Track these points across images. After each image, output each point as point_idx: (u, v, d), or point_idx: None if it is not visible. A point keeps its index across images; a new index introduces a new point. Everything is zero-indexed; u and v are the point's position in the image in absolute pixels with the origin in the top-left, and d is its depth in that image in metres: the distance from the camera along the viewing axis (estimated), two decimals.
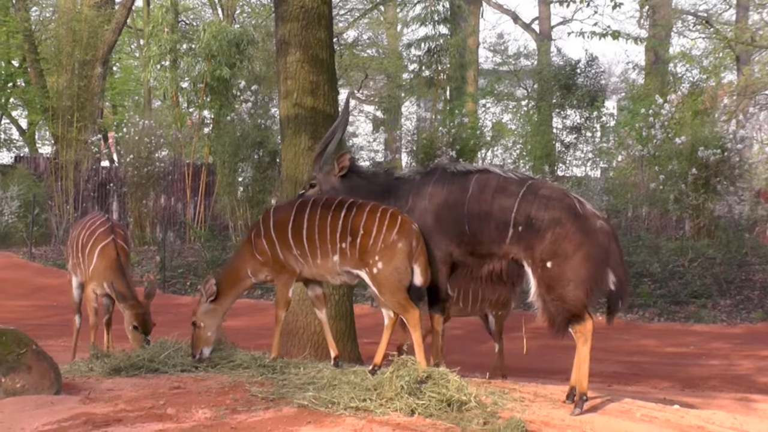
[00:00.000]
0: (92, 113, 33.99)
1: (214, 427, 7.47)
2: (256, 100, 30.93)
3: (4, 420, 7.80)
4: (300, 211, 9.51)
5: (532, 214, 9.30)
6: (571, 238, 9.21)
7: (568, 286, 9.15)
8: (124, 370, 9.40)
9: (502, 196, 9.44)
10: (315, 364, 9.52)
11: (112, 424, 7.57)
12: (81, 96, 33.35)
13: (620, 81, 46.90)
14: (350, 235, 9.26)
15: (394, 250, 9.11)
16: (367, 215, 9.25)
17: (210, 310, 9.63)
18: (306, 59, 13.19)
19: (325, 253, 9.39)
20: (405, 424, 7.62)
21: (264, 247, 9.57)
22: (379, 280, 9.13)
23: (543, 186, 9.62)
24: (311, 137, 13.05)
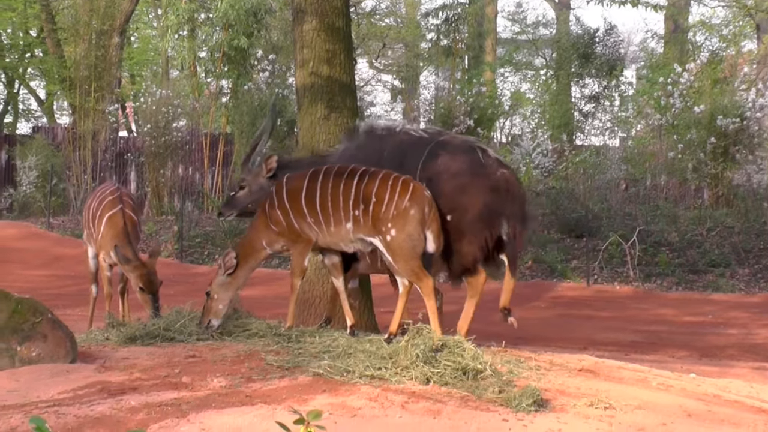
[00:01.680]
0: (110, 83, 33.98)
1: (229, 395, 7.47)
2: (274, 69, 30.89)
3: (20, 388, 7.82)
4: (313, 179, 9.49)
5: (436, 168, 9.62)
6: (469, 191, 9.52)
7: (464, 239, 9.46)
8: (139, 339, 9.42)
9: (413, 154, 9.78)
10: (330, 332, 9.51)
11: (127, 393, 7.58)
12: (98, 66, 33.34)
13: (639, 50, 46.68)
14: (363, 202, 9.26)
15: (407, 216, 9.11)
16: (380, 183, 9.24)
17: (225, 283, 9.66)
18: (322, 27, 13.12)
19: (339, 221, 9.38)
20: (420, 392, 7.61)
21: (278, 217, 9.57)
22: (392, 247, 9.13)
23: (449, 141, 9.94)
24: (327, 106, 12.99)
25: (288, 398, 7.37)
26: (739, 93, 29.57)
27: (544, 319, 18.31)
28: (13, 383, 7.94)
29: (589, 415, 7.27)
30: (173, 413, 7.03)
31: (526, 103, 39.25)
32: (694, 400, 8.13)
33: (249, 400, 7.33)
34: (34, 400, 7.50)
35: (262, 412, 7.01)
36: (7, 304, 8.42)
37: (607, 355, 12.06)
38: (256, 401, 7.29)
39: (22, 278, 20.15)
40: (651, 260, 24.25)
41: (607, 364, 9.48)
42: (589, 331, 17.31)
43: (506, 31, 51.79)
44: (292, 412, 4.12)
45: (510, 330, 11.61)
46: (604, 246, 24.24)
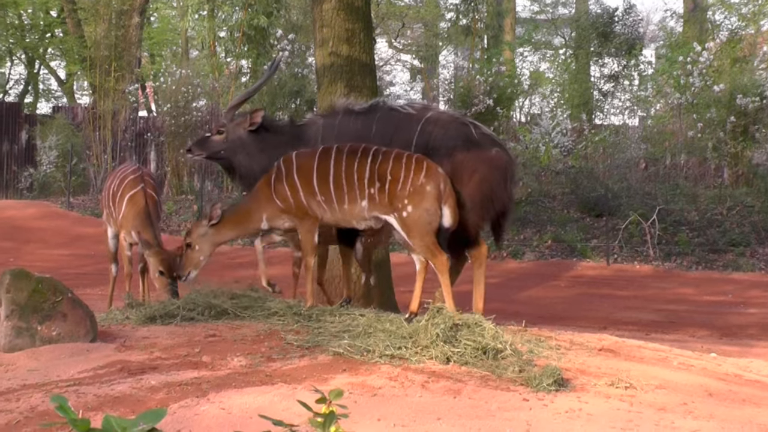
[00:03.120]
0: (130, 63, 34.04)
1: (249, 374, 7.48)
2: (293, 48, 30.84)
3: (40, 367, 7.84)
4: (324, 157, 9.49)
5: (430, 144, 9.73)
6: (466, 165, 9.62)
7: (464, 211, 9.49)
8: (159, 319, 9.42)
9: (403, 130, 9.86)
10: (350, 311, 9.50)
11: (147, 372, 7.60)
12: (118, 46, 33.40)
13: (658, 29, 46.49)
14: (378, 180, 9.26)
15: (424, 193, 9.14)
16: (394, 161, 9.27)
17: (208, 235, 9.69)
18: (341, 7, 13.10)
19: (353, 199, 9.38)
20: (440, 371, 7.61)
21: (286, 193, 9.54)
22: (408, 224, 9.14)
23: (438, 116, 10.03)
24: (347, 85, 12.98)
25: (308, 378, 7.37)
26: (758, 72, 29.44)
27: (564, 298, 18.31)
28: (34, 362, 7.97)
29: (610, 395, 7.26)
30: (193, 392, 7.04)
31: (546, 82, 39.20)
32: (715, 380, 8.11)
33: (269, 380, 7.33)
34: (54, 380, 7.52)
35: (282, 392, 7.02)
36: (28, 283, 8.44)
37: (627, 334, 12.06)
38: (276, 380, 7.29)
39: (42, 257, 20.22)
40: (671, 239, 24.22)
41: (628, 343, 9.47)
42: (609, 311, 17.31)
43: (525, 10, 51.61)
44: (313, 391, 4.11)
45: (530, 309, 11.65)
46: (623, 225, 24.22)
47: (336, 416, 3.71)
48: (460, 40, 39.78)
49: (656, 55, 41.67)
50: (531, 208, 26.19)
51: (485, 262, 9.94)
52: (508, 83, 32.18)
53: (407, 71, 51.25)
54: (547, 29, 48.69)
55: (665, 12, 61.93)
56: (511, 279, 19.61)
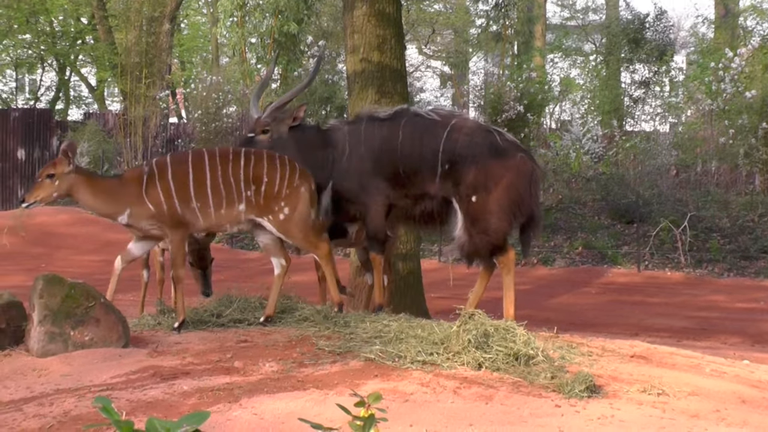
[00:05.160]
0: (160, 69, 34.16)
1: (281, 380, 7.48)
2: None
3: (73, 372, 7.87)
4: (199, 162, 9.52)
5: (456, 151, 9.80)
6: (492, 172, 9.73)
7: (492, 218, 9.70)
8: (191, 325, 9.45)
9: (429, 137, 9.91)
10: (381, 317, 9.49)
11: (179, 377, 7.61)
12: (149, 52, 33.52)
13: (689, 35, 46.28)
14: (254, 183, 9.42)
15: (299, 195, 9.46)
16: (268, 163, 9.50)
17: (70, 177, 9.32)
18: (373, 13, 13.12)
19: (231, 203, 9.45)
20: (472, 377, 7.59)
21: (159, 199, 9.41)
22: (286, 225, 9.45)
23: (465, 124, 10.08)
24: (378, 92, 13.01)
25: (340, 383, 7.37)
26: None
27: (595, 305, 18.25)
28: (67, 367, 7.99)
29: (642, 401, 7.23)
30: (225, 398, 7.05)
31: (576, 88, 39.08)
32: (748, 387, 8.06)
33: (301, 385, 7.33)
34: (87, 384, 7.55)
35: (314, 397, 7.02)
36: (61, 288, 8.47)
37: (659, 341, 12.01)
38: (308, 386, 7.29)
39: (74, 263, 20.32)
40: (702, 246, 24.10)
41: (660, 350, 9.41)
42: (640, 317, 17.24)
43: (556, 16, 51.58)
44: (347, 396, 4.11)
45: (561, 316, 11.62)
46: (654, 232, 24.13)
47: (376, 420, 3.70)
48: (490, 46, 39.76)
49: (687, 62, 41.51)
50: (561, 215, 26.12)
51: (513, 268, 10.01)
52: (538, 90, 32.13)
53: (437, 78, 51.25)
54: (577, 35, 48.59)
55: (697, 18, 61.68)
56: (541, 286, 19.57)
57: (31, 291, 8.51)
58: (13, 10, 38.79)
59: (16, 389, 7.58)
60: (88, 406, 7.02)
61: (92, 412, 6.87)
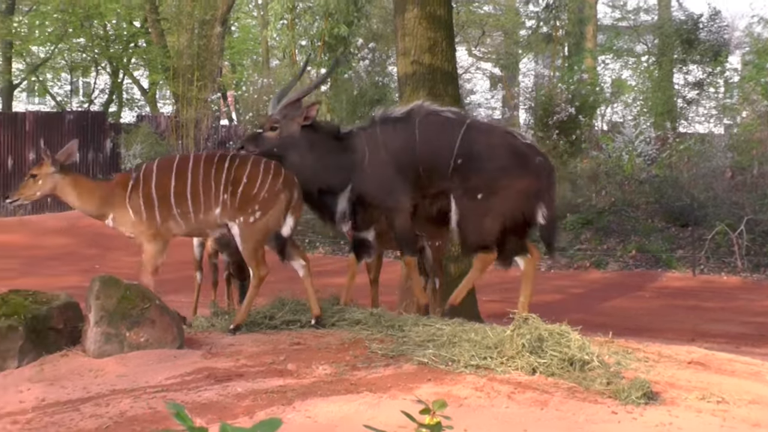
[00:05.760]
0: (212, 72, 34.29)
1: (334, 383, 7.47)
2: (374, 57, 30.86)
3: (128, 373, 7.91)
4: (182, 167, 9.57)
5: (474, 149, 9.85)
6: (505, 173, 9.83)
7: (488, 216, 9.84)
8: (244, 326, 9.45)
9: (445, 135, 9.94)
10: (434, 321, 9.46)
11: (233, 379, 7.62)
12: (201, 55, 33.66)
13: (744, 35, 45.88)
14: (232, 185, 9.39)
15: (276, 200, 9.42)
16: (251, 166, 9.46)
17: (54, 177, 9.57)
18: (424, 16, 13.09)
19: (209, 207, 9.47)
20: (526, 382, 7.54)
21: (140, 205, 9.50)
22: (249, 229, 9.41)
23: (479, 123, 10.41)
24: (429, 94, 12.96)
25: (393, 387, 7.35)
26: None
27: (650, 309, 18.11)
28: (122, 368, 8.03)
29: (701, 409, 7.14)
30: (279, 400, 7.05)
31: (628, 90, 38.87)
32: None
33: (354, 388, 7.32)
34: (142, 385, 7.58)
35: (367, 401, 7.00)
36: (116, 290, 8.52)
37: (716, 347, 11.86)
38: (361, 389, 7.28)
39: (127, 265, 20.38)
40: (759, 250, 23.85)
41: (718, 356, 9.31)
42: (695, 322, 17.08)
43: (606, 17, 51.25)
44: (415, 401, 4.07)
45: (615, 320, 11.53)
46: (710, 235, 23.89)
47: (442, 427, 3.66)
48: (540, 48, 39.65)
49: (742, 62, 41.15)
50: (614, 218, 25.95)
51: (483, 269, 10.32)
52: (590, 91, 31.95)
53: (487, 79, 51.14)
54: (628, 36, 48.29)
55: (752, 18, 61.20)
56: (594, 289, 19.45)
57: (88, 292, 8.58)
58: (68, 15, 39.12)
59: (73, 389, 7.63)
60: (143, 407, 7.05)
61: (148, 413, 6.90)
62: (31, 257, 21.45)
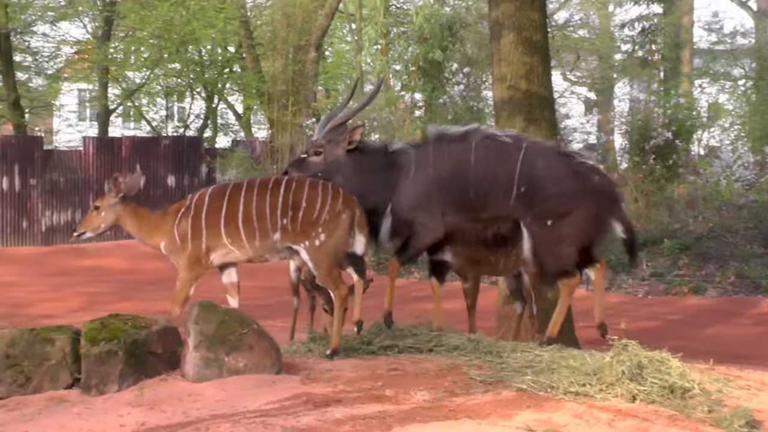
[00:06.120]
0: (306, 97, 34.48)
1: (432, 409, 7.47)
2: (468, 82, 30.84)
3: (227, 398, 7.98)
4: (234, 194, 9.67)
5: (536, 174, 9.79)
6: (570, 195, 9.81)
7: (563, 243, 9.81)
8: (342, 352, 9.48)
9: (505, 160, 9.87)
10: (532, 347, 9.42)
11: (332, 405, 7.66)
12: (295, 80, 33.87)
13: None
14: (292, 209, 9.42)
15: (338, 221, 9.40)
16: (309, 189, 9.48)
17: (116, 208, 9.77)
18: (520, 41, 13.07)
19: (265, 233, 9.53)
20: (626, 410, 7.49)
21: (187, 232, 9.65)
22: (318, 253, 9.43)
23: (537, 146, 10.12)
24: (525, 119, 12.94)
25: (492, 413, 7.34)
26: None
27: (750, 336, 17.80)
28: (221, 393, 8.10)
29: None
30: (378, 426, 7.07)
31: (725, 114, 38.43)
32: None
33: (453, 415, 7.32)
34: (241, 410, 7.64)
35: (466, 427, 7.00)
36: (215, 315, 8.61)
37: None
38: (460, 416, 7.28)
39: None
40: None
41: None
42: None
43: (702, 41, 50.77)
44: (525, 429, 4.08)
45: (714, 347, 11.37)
46: None
47: None
48: (636, 72, 39.31)
49: None
50: (713, 243, 25.58)
51: (573, 294, 10.33)
52: (687, 116, 31.63)
53: (582, 104, 50.88)
54: (725, 60, 47.78)
55: None
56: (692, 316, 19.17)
57: (187, 317, 8.67)
58: (164, 41, 39.60)
59: (172, 414, 7.72)
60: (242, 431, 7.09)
61: None
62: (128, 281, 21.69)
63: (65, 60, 46.84)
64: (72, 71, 47.37)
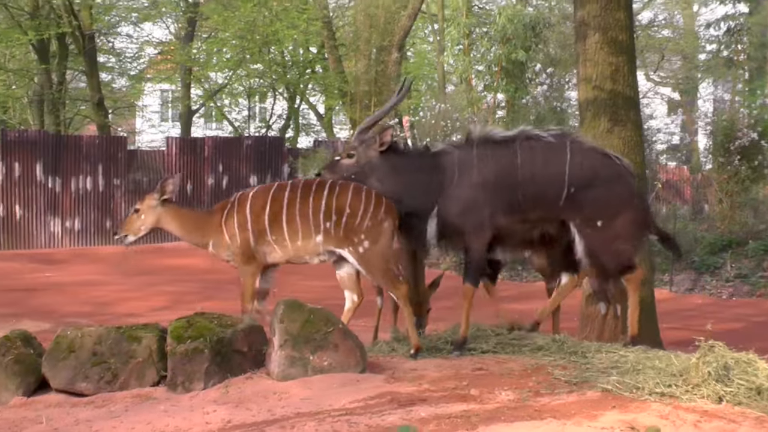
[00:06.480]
0: (389, 98, 34.51)
1: (517, 409, 7.47)
2: (552, 83, 30.72)
3: (312, 396, 8.03)
4: (278, 194, 9.74)
5: (584, 174, 9.77)
6: (617, 195, 9.88)
7: (618, 240, 9.81)
8: (425, 352, 9.51)
9: (553, 160, 9.81)
10: (617, 348, 9.38)
11: (416, 404, 7.68)
12: (378, 81, 33.95)
13: None
14: (335, 214, 9.46)
15: (381, 228, 9.45)
16: (353, 196, 9.51)
17: (156, 210, 9.83)
18: (605, 41, 13.00)
19: (308, 235, 9.57)
20: (713, 411, 7.43)
21: (234, 229, 9.72)
22: (366, 258, 9.48)
23: (580, 144, 10.06)
24: (610, 120, 12.88)
25: (577, 414, 7.32)
26: None
27: None
28: (306, 391, 8.16)
29: None
30: (463, 425, 7.08)
31: None
32: None
33: (538, 415, 7.31)
34: (326, 409, 7.69)
35: (552, 427, 6.99)
36: (300, 314, 8.67)
37: None
38: (545, 416, 7.27)
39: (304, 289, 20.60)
40: None
41: None
42: None
43: None
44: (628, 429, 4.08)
45: None
46: None
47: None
48: (721, 72, 38.94)
49: None
50: None
51: (640, 287, 10.19)
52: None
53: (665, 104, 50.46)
54: None
55: None
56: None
57: (272, 316, 8.73)
58: (247, 41, 39.85)
59: (258, 411, 7.79)
60: (328, 430, 7.15)
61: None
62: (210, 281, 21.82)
63: (148, 61, 47.44)
64: (155, 72, 47.97)
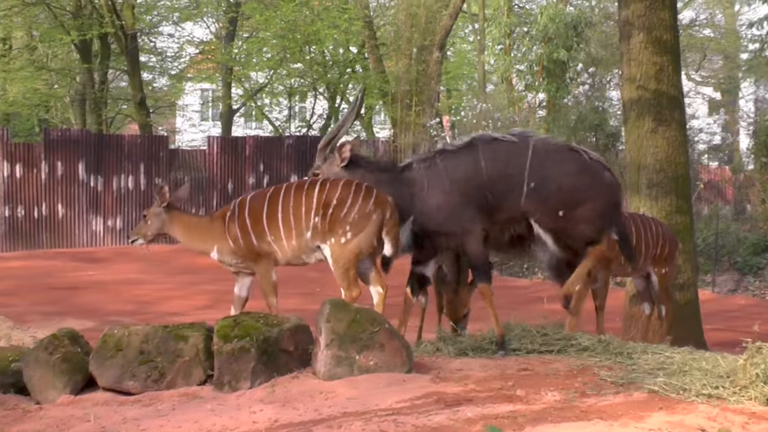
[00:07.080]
0: (429, 97, 34.52)
1: (564, 409, 7.46)
2: (593, 82, 30.61)
3: (358, 396, 8.04)
4: (273, 195, 9.85)
5: (546, 171, 9.87)
6: (581, 189, 9.98)
7: (581, 224, 10.00)
8: (471, 352, 9.53)
9: (514, 160, 9.90)
10: (663, 349, 9.37)
11: (463, 404, 7.68)
12: (419, 80, 33.96)
13: None
14: (323, 208, 9.55)
15: (369, 220, 9.54)
16: (342, 189, 9.63)
17: (160, 217, 10.08)
18: (650, 41, 13.01)
19: (300, 232, 9.69)
20: (761, 413, 7.40)
21: (237, 233, 9.87)
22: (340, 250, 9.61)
23: (546, 143, 10.17)
24: (655, 119, 12.90)
25: (624, 415, 7.30)
26: None
27: None
28: (353, 391, 8.18)
29: None
30: (509, 425, 7.08)
31: None
32: None
33: (584, 416, 7.30)
34: (372, 408, 7.70)
35: (598, 428, 6.98)
36: (347, 313, 8.69)
37: None
38: (592, 417, 7.26)
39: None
40: None
41: None
42: None
43: None
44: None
45: None
46: None
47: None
48: (763, 71, 38.70)
49: None
50: None
51: (595, 262, 10.34)
52: None
53: (706, 104, 50.21)
54: None
55: None
56: None
57: (318, 315, 8.76)
58: (287, 41, 39.92)
59: (304, 411, 7.82)
60: (374, 429, 7.16)
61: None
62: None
63: (189, 60, 47.61)
64: (195, 71, 48.12)
